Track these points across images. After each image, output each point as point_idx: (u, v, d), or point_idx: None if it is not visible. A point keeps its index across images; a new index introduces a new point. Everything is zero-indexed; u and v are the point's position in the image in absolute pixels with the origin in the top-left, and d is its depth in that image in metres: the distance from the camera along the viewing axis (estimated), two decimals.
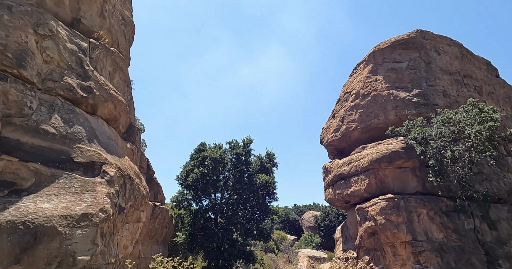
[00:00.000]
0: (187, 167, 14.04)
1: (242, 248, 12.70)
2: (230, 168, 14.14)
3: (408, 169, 12.87)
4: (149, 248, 10.67)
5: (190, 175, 13.31)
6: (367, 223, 12.79)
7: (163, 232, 11.59)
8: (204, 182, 13.33)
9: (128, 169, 6.11)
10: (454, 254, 10.56)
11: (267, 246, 32.99)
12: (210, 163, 13.48)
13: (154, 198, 11.37)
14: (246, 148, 14.66)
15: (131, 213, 6.05)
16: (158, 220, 10.98)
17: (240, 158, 14.26)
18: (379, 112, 16.00)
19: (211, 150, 14.16)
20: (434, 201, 11.79)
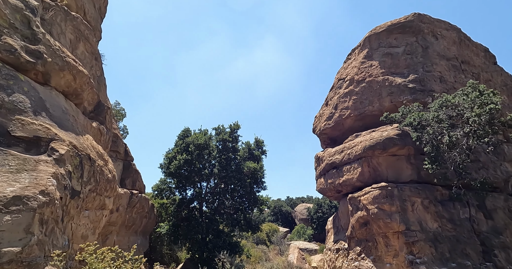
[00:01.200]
0: (169, 153, 13.23)
1: (227, 239, 12.08)
2: (216, 155, 13.36)
3: (402, 156, 12.32)
4: (126, 239, 9.96)
5: (173, 162, 12.53)
6: (359, 213, 12.27)
7: (142, 222, 10.88)
8: (188, 169, 12.56)
9: (88, 148, 5.33)
10: (448, 244, 10.11)
11: (258, 238, 32.67)
12: (194, 149, 12.69)
13: (132, 186, 10.63)
14: (233, 134, 13.85)
15: (92, 199, 5.30)
16: (136, 209, 10.25)
17: (227, 144, 13.48)
18: (374, 99, 15.38)
19: (195, 135, 13.34)
20: (429, 190, 11.29)
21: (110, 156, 10.09)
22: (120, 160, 10.40)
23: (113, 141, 9.54)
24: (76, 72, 5.58)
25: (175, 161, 12.48)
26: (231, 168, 12.54)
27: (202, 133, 13.72)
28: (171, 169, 12.48)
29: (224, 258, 9.53)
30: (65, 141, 4.62)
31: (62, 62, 5.25)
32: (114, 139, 9.55)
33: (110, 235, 8.77)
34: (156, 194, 13.13)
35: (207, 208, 13.35)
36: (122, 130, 18.20)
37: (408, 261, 9.97)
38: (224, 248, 10.94)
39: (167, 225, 13.02)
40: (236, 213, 13.21)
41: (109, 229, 8.73)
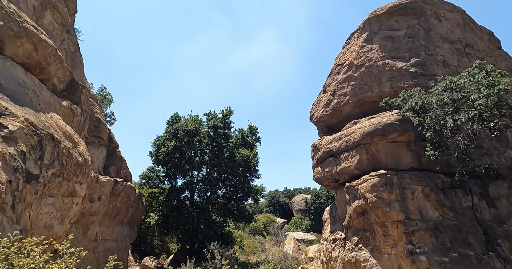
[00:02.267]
0: (158, 140, 12.57)
1: (219, 230, 11.61)
2: (207, 142, 12.74)
3: (403, 143, 11.76)
4: (110, 229, 9.45)
5: (161, 149, 11.90)
6: (356, 202, 11.79)
7: (128, 212, 10.36)
8: (177, 157, 11.96)
9: (52, 127, 4.70)
10: (450, 233, 9.67)
11: (255, 228, 32.47)
12: (183, 135, 12.04)
13: (117, 174, 10.05)
14: (225, 120, 13.19)
15: (57, 184, 4.71)
16: (121, 198, 9.70)
17: (219, 131, 12.83)
18: (373, 85, 14.72)
19: (185, 121, 12.66)
20: (430, 177, 10.78)
21: (92, 142, 9.50)
22: (104, 146, 9.79)
23: (95, 125, 8.90)
24: (38, 41, 4.89)
25: (164, 148, 11.86)
26: (223, 155, 11.93)
27: (192, 119, 13.03)
28: (159, 156, 11.87)
29: (214, 249, 9.06)
30: (18, 116, 3.98)
31: (18, 28, 4.56)
32: (96, 123, 8.91)
33: (92, 225, 8.24)
34: (144, 182, 12.54)
35: (199, 197, 12.83)
36: (109, 116, 17.58)
37: (408, 251, 9.53)
38: (215, 239, 10.47)
39: (157, 215, 12.52)
40: (229, 202, 12.70)
41: (90, 219, 8.20)
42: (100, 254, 8.75)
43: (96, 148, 9.30)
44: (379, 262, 10.34)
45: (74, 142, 5.25)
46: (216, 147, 12.35)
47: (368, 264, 10.66)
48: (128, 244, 10.83)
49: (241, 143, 13.15)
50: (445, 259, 9.03)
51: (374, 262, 10.50)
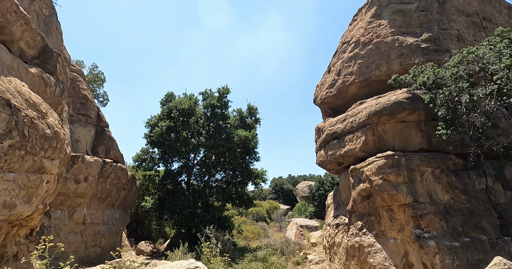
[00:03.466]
0: (151, 120, 11.96)
1: (217, 214, 11.16)
2: (203, 123, 12.09)
3: (412, 123, 10.97)
4: (100, 212, 9.05)
5: (155, 130, 11.31)
6: (361, 185, 11.18)
7: (120, 195, 9.94)
8: (172, 138, 11.37)
9: (9, 92, 4.09)
10: (461, 217, 9.03)
11: (259, 214, 32.32)
12: (178, 115, 11.40)
13: (106, 154, 9.56)
14: (222, 98, 12.46)
15: (18, 159, 4.15)
16: (111, 180, 9.24)
17: (215, 110, 12.14)
18: (381, 63, 13.77)
19: (179, 100, 11.98)
20: (441, 158, 10.06)
21: (79, 120, 8.96)
22: (92, 125, 9.25)
23: (82, 103, 8.34)
24: None
25: (157, 128, 11.27)
26: (220, 136, 11.29)
27: (187, 98, 12.33)
28: (152, 137, 11.31)
29: (210, 233, 8.63)
30: None
31: None
32: (83, 100, 8.35)
33: (79, 207, 7.82)
34: (137, 164, 12.03)
35: (196, 181, 12.35)
36: (102, 96, 17.03)
37: (415, 236, 8.96)
38: (212, 223, 10.04)
39: (152, 199, 12.11)
40: (228, 186, 12.20)
41: (77, 201, 7.77)
42: (89, 238, 8.41)
43: (83, 127, 8.77)
44: (384, 247, 9.81)
45: (41, 112, 4.67)
46: (213, 127, 11.69)
47: (372, 249, 10.15)
48: (121, 227, 10.51)
49: (239, 124, 12.49)
50: (455, 244, 8.44)
51: (379, 247, 9.98)
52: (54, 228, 7.34)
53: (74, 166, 7.60)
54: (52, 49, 5.83)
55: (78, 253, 7.80)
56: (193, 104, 11.82)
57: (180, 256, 8.15)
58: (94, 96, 17.05)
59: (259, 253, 8.32)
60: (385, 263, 9.52)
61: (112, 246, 9.75)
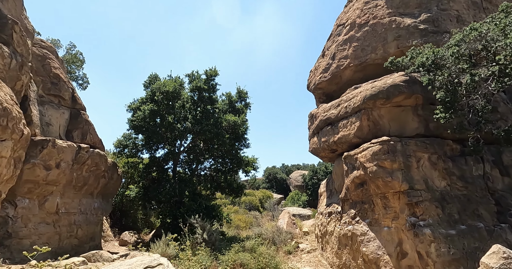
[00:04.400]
0: (134, 104, 11.18)
1: (204, 202, 10.66)
2: (190, 107, 11.38)
3: (408, 107, 10.50)
4: (76, 201, 8.46)
5: (137, 114, 10.59)
6: (355, 173, 10.76)
7: (99, 183, 9.33)
8: (156, 123, 10.68)
9: None
10: (458, 204, 8.70)
11: (251, 203, 32.11)
12: (162, 98, 10.66)
13: (82, 139, 8.89)
14: (209, 81, 11.70)
15: None
16: (88, 166, 8.60)
17: (202, 94, 11.41)
18: (377, 45, 13.18)
19: (163, 81, 11.18)
20: (438, 144, 9.66)
21: (50, 101, 8.23)
22: (65, 108, 8.53)
23: (53, 82, 7.61)
24: None
25: (139, 112, 10.53)
26: (207, 121, 10.61)
27: (171, 80, 11.54)
28: (135, 121, 10.60)
29: (195, 223, 8.14)
30: None
31: None
32: (55, 80, 7.61)
33: (51, 196, 7.21)
34: (119, 151, 11.32)
35: (183, 168, 11.76)
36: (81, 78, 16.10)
37: (410, 224, 8.62)
38: (199, 212, 9.55)
39: (137, 188, 11.52)
40: (217, 174, 11.67)
41: (48, 189, 7.15)
42: (63, 229, 7.83)
43: (55, 109, 8.03)
44: (378, 236, 9.48)
45: None
46: (200, 112, 11.00)
47: (365, 238, 9.83)
48: (101, 217, 9.93)
49: (228, 109, 11.81)
50: (452, 231, 8.12)
51: (372, 236, 9.65)
52: (21, 219, 6.74)
53: (44, 151, 6.93)
54: (7, 16, 5.09)
55: (50, 244, 7.24)
56: (178, 86, 11.02)
57: (162, 248, 7.68)
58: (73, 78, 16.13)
59: (247, 243, 7.90)
60: (378, 252, 9.21)
61: (91, 236, 9.22)
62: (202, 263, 6.26)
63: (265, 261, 7.08)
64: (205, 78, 11.67)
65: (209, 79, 11.56)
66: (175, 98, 10.87)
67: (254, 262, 6.99)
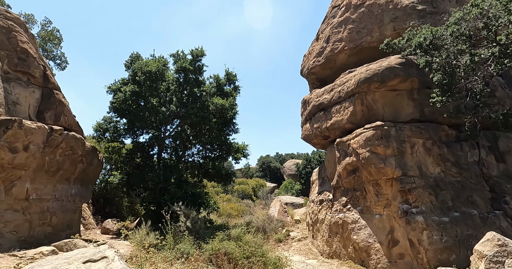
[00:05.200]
0: (114, 85, 10.48)
1: (190, 190, 10.23)
2: (175, 89, 10.73)
3: (404, 91, 10.08)
4: (50, 187, 7.96)
5: (117, 95, 9.93)
6: (347, 159, 10.41)
7: (76, 168, 8.81)
8: (139, 106, 10.05)
9: None
10: (452, 191, 8.43)
11: (244, 192, 31.95)
12: (144, 79, 9.99)
13: (55, 121, 8.31)
14: (196, 62, 11.02)
15: None
16: (62, 150, 8.06)
17: (188, 75, 10.75)
18: (373, 27, 12.60)
19: (145, 61, 10.45)
20: (434, 129, 9.31)
21: (18, 79, 7.59)
22: (36, 86, 7.90)
23: (20, 58, 6.99)
24: None
25: (120, 93, 9.88)
26: (193, 104, 10.01)
27: (154, 60, 10.81)
28: (115, 104, 9.97)
29: (179, 210, 7.75)
30: None
31: None
32: (23, 55, 6.99)
33: (18, 181, 6.70)
34: (99, 135, 10.68)
35: (169, 154, 11.26)
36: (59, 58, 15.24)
37: (402, 211, 8.34)
38: (184, 199, 9.14)
39: (121, 174, 11.01)
40: (205, 161, 11.20)
41: (15, 173, 6.64)
42: (34, 216, 7.35)
43: (23, 87, 7.36)
44: (369, 223, 9.22)
45: None
46: (186, 95, 10.37)
47: (356, 226, 9.57)
48: (79, 204, 9.44)
49: (216, 92, 11.21)
50: (445, 219, 7.87)
51: (363, 224, 9.40)
52: None
53: (8, 132, 6.31)
54: None
55: (18, 233, 6.79)
56: (161, 67, 10.28)
57: (141, 236, 7.29)
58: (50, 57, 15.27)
59: (233, 232, 7.54)
60: (369, 240, 8.97)
61: (68, 224, 8.75)
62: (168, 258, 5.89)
63: (250, 250, 6.72)
64: (191, 58, 10.92)
65: (195, 60, 10.84)
66: (158, 79, 10.15)
67: (239, 251, 6.64)
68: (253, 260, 6.56)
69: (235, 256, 6.62)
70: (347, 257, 9.84)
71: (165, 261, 6.08)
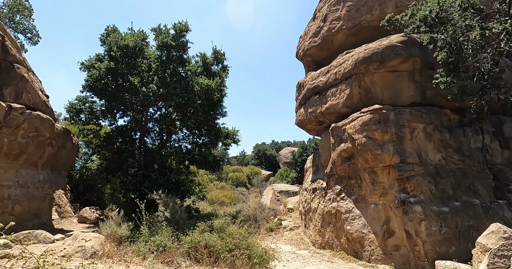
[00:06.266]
0: (89, 61, 9.52)
1: (173, 177, 9.59)
2: (157, 68, 9.83)
3: (405, 72, 9.33)
4: (12, 173, 7.27)
5: (91, 72, 9.02)
6: (342, 146, 9.78)
7: (45, 152, 8.08)
8: (118, 85, 9.17)
9: None
10: (453, 179, 7.86)
11: (238, 180, 31.54)
12: (120, 54, 9.08)
13: (16, 98, 7.51)
14: (179, 37, 10.04)
15: None
16: (25, 131, 7.32)
17: (171, 52, 9.84)
18: (374, 5, 11.68)
19: (123, 35, 9.46)
20: (435, 113, 8.64)
21: None
22: None
23: None
24: None
25: (94, 70, 8.98)
26: (176, 84, 9.13)
27: (133, 34, 9.81)
28: (89, 82, 9.10)
29: (158, 199, 7.14)
30: None
31: None
32: None
33: None
34: (71, 116, 9.83)
35: (152, 139, 10.52)
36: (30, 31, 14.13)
37: (399, 201, 7.79)
38: (166, 187, 8.52)
39: (100, 159, 10.29)
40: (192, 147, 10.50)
41: None
42: None
43: None
44: (364, 213, 8.69)
45: None
46: (169, 74, 9.48)
47: (350, 215, 9.05)
48: (49, 191, 8.79)
49: (202, 72, 10.33)
50: (444, 209, 7.32)
51: (358, 213, 8.87)
52: None
53: None
54: None
55: None
56: (140, 41, 9.28)
57: (112, 227, 6.71)
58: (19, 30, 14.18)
59: (216, 222, 6.98)
60: (363, 230, 8.47)
61: (35, 213, 8.10)
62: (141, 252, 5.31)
63: (234, 242, 6.15)
64: (174, 33, 9.88)
65: (179, 35, 9.80)
66: (137, 55, 9.20)
67: (221, 244, 6.07)
68: (236, 253, 6.01)
69: (217, 249, 6.05)
70: (339, 247, 9.38)
71: (137, 254, 5.54)
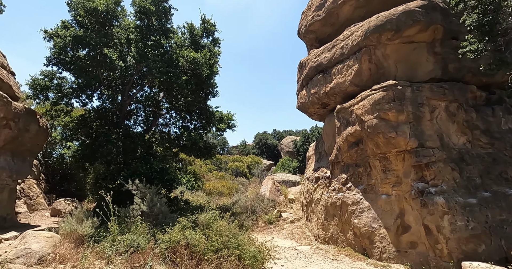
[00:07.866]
0: (54, 29, 8.19)
1: (157, 165, 8.51)
2: (136, 39, 8.54)
3: (423, 44, 8.04)
4: None
5: (55, 41, 7.75)
6: (349, 129, 8.61)
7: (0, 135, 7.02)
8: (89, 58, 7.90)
9: None
10: (480, 165, 6.72)
11: (238, 170, 30.60)
12: (89, 20, 7.77)
13: None
14: (160, 1, 8.66)
15: None
16: None
17: (152, 20, 8.48)
18: None
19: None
20: (460, 90, 7.42)
21: None
22: None
23: None
24: None
25: (58, 39, 7.71)
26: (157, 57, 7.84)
27: None
28: (53, 52, 7.87)
29: (134, 189, 6.12)
30: None
31: None
32: None
33: None
34: (36, 94, 8.59)
35: (134, 122, 9.41)
36: None
37: (416, 191, 6.68)
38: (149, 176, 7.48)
39: (81, 145, 9.20)
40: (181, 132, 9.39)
41: None
42: None
43: None
44: (373, 205, 7.61)
45: None
46: (151, 46, 8.17)
47: (358, 207, 7.98)
48: (9, 181, 7.81)
49: (189, 44, 9.06)
50: (471, 200, 6.21)
51: (366, 205, 7.79)
52: None
53: None
54: None
55: None
56: (112, 5, 7.98)
57: (71, 225, 5.74)
58: None
59: (201, 217, 5.96)
60: (373, 224, 7.41)
61: None
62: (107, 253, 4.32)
63: (222, 240, 5.11)
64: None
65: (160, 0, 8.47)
66: (110, 22, 7.94)
67: (206, 243, 5.03)
68: (224, 254, 4.97)
69: (200, 249, 5.02)
70: (345, 243, 8.36)
71: (100, 257, 4.56)
